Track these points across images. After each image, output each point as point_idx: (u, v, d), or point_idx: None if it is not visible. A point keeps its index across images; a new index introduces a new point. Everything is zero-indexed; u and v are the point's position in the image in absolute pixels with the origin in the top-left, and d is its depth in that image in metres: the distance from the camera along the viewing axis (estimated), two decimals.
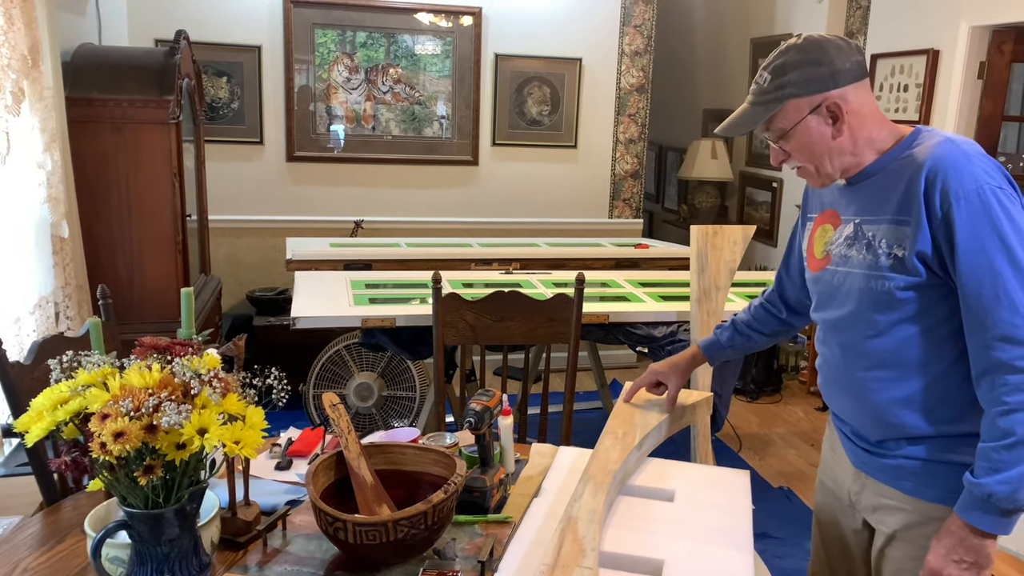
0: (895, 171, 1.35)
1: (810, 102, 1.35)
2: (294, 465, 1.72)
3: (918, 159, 1.32)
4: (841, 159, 1.39)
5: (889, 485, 1.44)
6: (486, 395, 1.58)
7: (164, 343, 1.22)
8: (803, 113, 1.36)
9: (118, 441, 1.04)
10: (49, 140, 2.58)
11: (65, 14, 3.09)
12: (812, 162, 1.40)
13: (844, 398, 1.49)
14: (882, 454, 1.44)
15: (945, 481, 1.36)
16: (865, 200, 1.40)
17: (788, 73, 1.35)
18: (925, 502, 1.39)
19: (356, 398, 3.64)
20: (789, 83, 1.35)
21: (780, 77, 1.36)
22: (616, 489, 1.52)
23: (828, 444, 1.65)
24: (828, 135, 1.37)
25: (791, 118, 1.36)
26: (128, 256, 3.05)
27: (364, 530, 1.25)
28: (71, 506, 1.54)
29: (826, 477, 1.64)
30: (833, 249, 1.46)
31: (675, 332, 2.96)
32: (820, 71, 1.34)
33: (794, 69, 1.35)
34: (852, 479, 1.53)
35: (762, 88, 1.38)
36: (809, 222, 1.57)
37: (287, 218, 4.46)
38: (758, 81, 1.40)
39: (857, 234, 1.40)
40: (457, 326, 2.40)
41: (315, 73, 4.40)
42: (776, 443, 4.04)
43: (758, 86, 1.39)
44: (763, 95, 1.38)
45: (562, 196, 4.88)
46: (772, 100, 1.37)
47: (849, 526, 1.56)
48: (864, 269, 1.38)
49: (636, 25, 4.79)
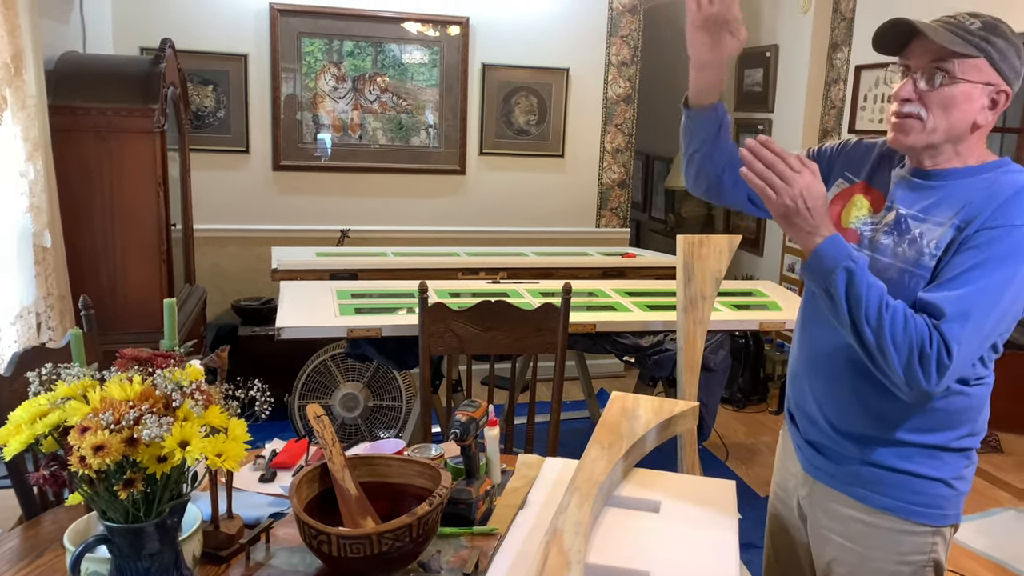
0: (966, 186, 1.34)
1: (993, 76, 1.31)
2: (278, 477, 1.71)
3: (995, 185, 1.31)
4: (952, 142, 1.35)
5: (839, 491, 1.45)
6: (472, 406, 1.57)
7: (146, 355, 1.21)
8: (982, 78, 1.30)
9: (98, 454, 1.02)
10: (32, 149, 2.56)
11: (49, 22, 3.08)
12: (940, 122, 1.32)
13: (824, 379, 1.47)
14: (837, 456, 1.45)
15: (899, 491, 1.38)
16: (923, 198, 1.37)
17: (997, 38, 1.30)
18: (876, 510, 1.41)
19: (342, 409, 3.62)
20: (995, 46, 1.30)
21: (990, 33, 1.30)
22: (602, 500, 1.51)
23: (780, 454, 1.66)
24: (975, 115, 1.33)
25: (971, 74, 1.30)
26: (111, 266, 3.02)
27: (348, 543, 1.24)
28: (51, 520, 1.52)
29: (778, 487, 1.65)
30: (865, 230, 1.43)
31: (662, 342, 2.96)
32: (1015, 63, 1.32)
33: (1004, 38, 1.31)
34: (801, 483, 1.54)
35: (967, 27, 1.30)
36: (844, 181, 1.52)
37: (273, 227, 4.44)
38: (961, 20, 1.31)
39: (900, 225, 1.38)
40: (444, 336, 2.40)
41: (302, 82, 4.39)
42: (763, 452, 4.05)
43: (959, 23, 1.31)
44: (966, 33, 1.30)
45: (549, 205, 4.89)
46: (974, 43, 1.29)
47: (799, 539, 1.58)
48: (902, 263, 1.35)
49: (623, 35, 4.81)
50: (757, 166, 1.29)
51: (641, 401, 1.87)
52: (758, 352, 4.71)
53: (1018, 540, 3.18)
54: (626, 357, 3.01)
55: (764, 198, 1.30)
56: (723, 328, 3.07)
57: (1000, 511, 3.40)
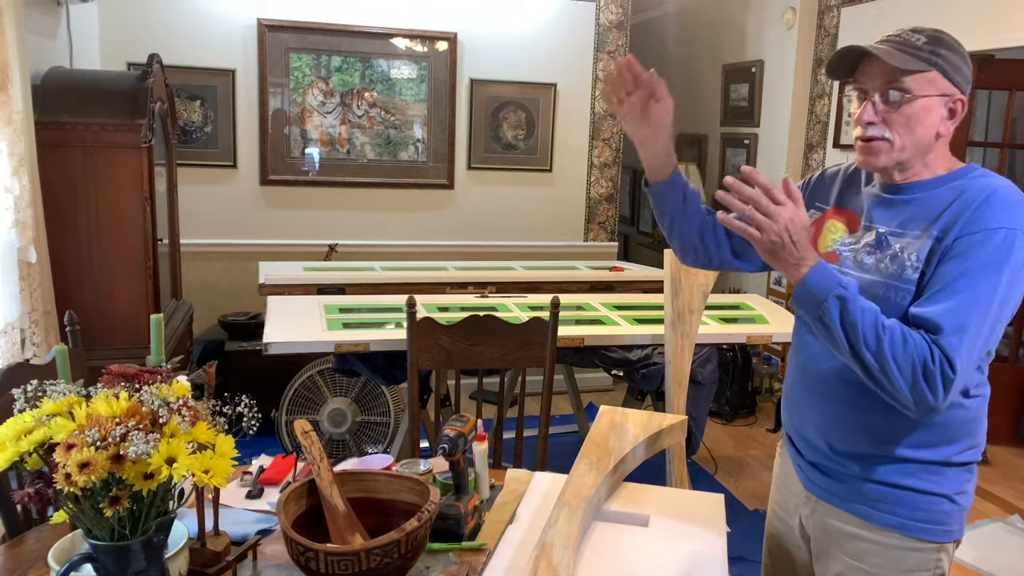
0: (940, 196, 1.35)
1: (947, 87, 1.33)
2: (265, 493, 1.70)
3: (967, 191, 1.32)
4: (920, 155, 1.36)
5: (842, 509, 1.44)
6: (461, 420, 1.57)
7: (132, 371, 1.20)
8: (937, 91, 1.32)
9: (84, 472, 1.01)
10: (17, 164, 2.54)
11: (35, 37, 3.07)
12: (904, 140, 1.34)
13: (818, 403, 1.47)
14: (839, 475, 1.44)
15: (903, 508, 1.38)
16: (899, 214, 1.39)
17: (943, 49, 1.32)
18: (880, 528, 1.40)
19: (329, 424, 3.61)
20: (944, 58, 1.31)
21: (936, 46, 1.32)
22: (591, 515, 1.51)
23: (778, 472, 1.64)
24: (936, 127, 1.34)
25: (926, 88, 1.32)
26: (97, 281, 3.00)
27: (336, 560, 1.23)
28: (34, 538, 1.50)
29: (776, 506, 1.64)
30: (845, 251, 1.44)
31: (650, 355, 2.97)
32: (965, 70, 1.34)
33: (950, 49, 1.32)
34: (803, 503, 1.53)
35: (915, 44, 1.32)
36: (815, 211, 1.53)
37: (260, 242, 4.43)
38: (907, 37, 1.33)
39: (880, 243, 1.39)
40: (432, 350, 2.39)
41: (289, 97, 4.39)
42: (751, 465, 4.05)
43: (906, 40, 1.32)
44: (915, 50, 1.31)
45: (537, 219, 4.90)
46: (924, 59, 1.31)
47: (800, 559, 1.57)
48: (883, 277, 1.36)
49: (610, 51, 4.85)
50: (737, 204, 1.28)
51: (629, 415, 1.88)
52: (746, 365, 4.73)
53: (1006, 552, 3.19)
54: (614, 371, 3.02)
55: (748, 237, 1.29)
56: (711, 341, 3.08)
57: (987, 523, 3.42)
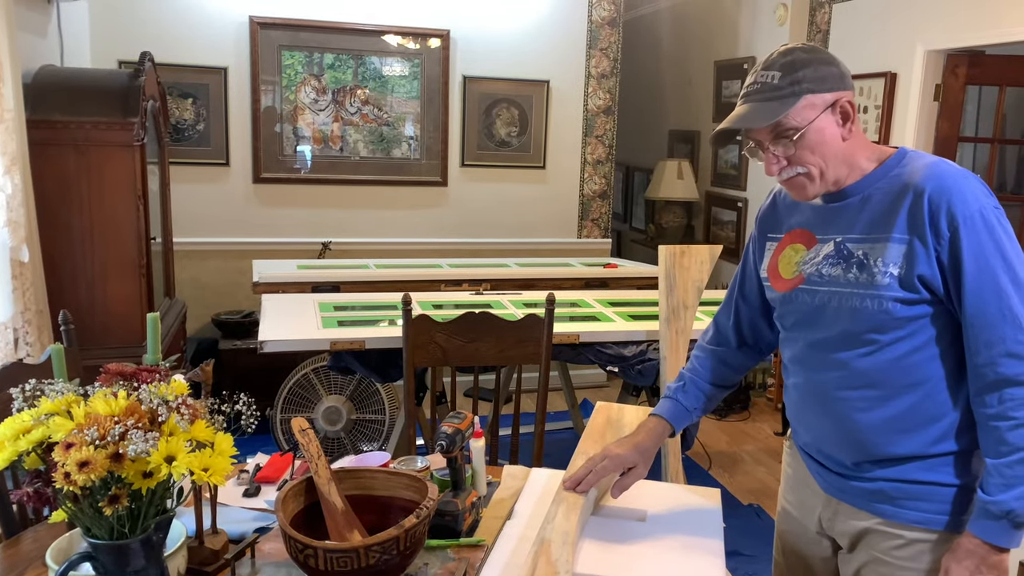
0: (885, 191, 1.34)
1: (825, 100, 1.32)
2: (262, 491, 1.70)
3: (914, 179, 1.31)
4: (842, 164, 1.36)
5: (865, 510, 1.42)
6: (457, 417, 1.57)
7: (131, 369, 1.20)
8: (819, 110, 1.31)
9: (83, 471, 1.01)
10: (9, 163, 2.53)
11: (26, 35, 3.05)
12: (819, 165, 1.34)
13: (822, 420, 1.45)
14: (858, 477, 1.42)
15: (926, 504, 1.36)
16: (849, 218, 1.38)
17: (800, 70, 1.31)
18: (905, 525, 1.38)
19: (325, 422, 3.60)
20: (804, 79, 1.31)
21: (792, 73, 1.31)
22: (589, 510, 1.52)
23: (791, 472, 1.61)
24: (839, 136, 1.34)
25: (806, 115, 1.31)
26: (90, 280, 2.99)
27: (335, 557, 1.23)
28: (31, 538, 1.50)
29: (790, 506, 1.60)
30: (808, 268, 1.42)
31: (644, 351, 2.97)
32: (832, 70, 1.33)
33: (806, 66, 1.32)
34: (823, 506, 1.50)
35: (772, 85, 1.32)
36: (771, 242, 1.53)
37: (253, 240, 4.42)
38: (762, 80, 1.34)
39: (841, 252, 1.37)
40: (427, 348, 2.39)
41: (282, 94, 4.38)
42: (745, 460, 4.07)
43: (764, 84, 1.33)
44: (775, 91, 1.32)
45: (531, 216, 4.91)
46: (788, 95, 1.31)
47: (817, 554, 1.54)
48: (856, 288, 1.34)
49: (602, 48, 4.85)
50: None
51: (626, 411, 1.89)
52: None
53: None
54: (609, 367, 3.02)
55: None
56: None
57: None
